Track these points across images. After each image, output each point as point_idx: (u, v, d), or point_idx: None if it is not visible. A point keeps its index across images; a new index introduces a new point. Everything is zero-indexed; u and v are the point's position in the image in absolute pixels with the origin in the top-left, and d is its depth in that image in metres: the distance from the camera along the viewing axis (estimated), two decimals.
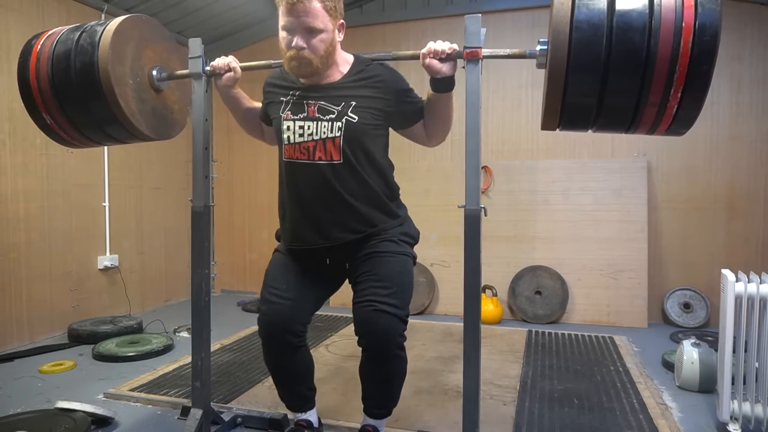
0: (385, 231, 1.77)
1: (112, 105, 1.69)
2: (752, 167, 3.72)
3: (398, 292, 1.69)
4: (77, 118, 1.79)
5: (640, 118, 1.24)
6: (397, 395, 1.84)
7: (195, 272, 2.01)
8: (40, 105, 1.82)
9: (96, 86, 1.68)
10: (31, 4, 3.26)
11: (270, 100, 1.83)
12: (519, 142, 4.16)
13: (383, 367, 1.73)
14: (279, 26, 1.67)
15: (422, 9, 4.32)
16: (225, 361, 2.94)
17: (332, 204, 1.71)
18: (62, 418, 2.06)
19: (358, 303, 1.69)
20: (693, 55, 1.11)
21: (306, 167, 1.71)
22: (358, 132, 1.67)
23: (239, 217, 4.91)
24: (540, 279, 3.88)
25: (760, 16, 3.66)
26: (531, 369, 2.82)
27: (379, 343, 1.67)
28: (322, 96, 1.70)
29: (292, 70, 1.68)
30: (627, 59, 1.15)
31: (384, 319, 1.64)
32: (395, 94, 1.72)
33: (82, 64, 1.67)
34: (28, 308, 3.26)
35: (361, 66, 1.74)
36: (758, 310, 1.95)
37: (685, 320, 3.74)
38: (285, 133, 1.73)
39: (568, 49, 1.18)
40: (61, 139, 1.89)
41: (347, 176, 1.69)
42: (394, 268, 1.72)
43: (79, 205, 3.62)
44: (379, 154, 1.76)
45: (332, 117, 1.67)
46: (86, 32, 1.71)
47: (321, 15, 1.59)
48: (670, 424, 2.13)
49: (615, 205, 3.84)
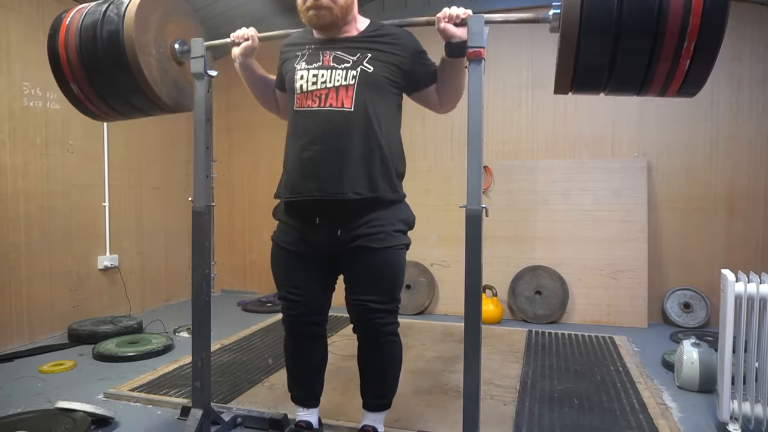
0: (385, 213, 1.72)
1: (135, 73, 1.74)
2: (752, 167, 3.72)
3: (388, 289, 1.74)
4: (103, 87, 1.83)
5: (652, 78, 1.23)
6: (394, 385, 1.87)
7: (195, 272, 2.01)
8: (68, 75, 1.86)
9: (121, 54, 1.72)
10: (31, 4, 3.26)
11: (285, 59, 1.82)
12: (519, 142, 4.16)
13: (378, 353, 1.79)
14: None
15: (422, 9, 4.32)
16: (225, 361, 2.94)
17: (336, 154, 1.65)
18: (62, 418, 2.06)
19: (350, 299, 1.76)
20: (706, 6, 1.09)
21: (315, 114, 1.67)
22: (373, 83, 1.66)
23: (239, 217, 4.91)
24: (540, 279, 3.88)
25: (760, 16, 3.66)
26: (531, 369, 2.82)
27: (371, 334, 1.77)
28: (339, 47, 1.70)
29: (310, 20, 1.67)
30: (639, 16, 1.13)
31: (374, 315, 1.73)
32: (411, 53, 1.73)
33: (108, 33, 1.71)
34: (28, 308, 3.25)
35: (377, 26, 1.77)
36: (758, 310, 1.95)
37: (685, 320, 3.74)
38: (298, 82, 1.70)
39: (581, 10, 1.17)
40: (88, 110, 1.93)
41: (356, 127, 1.65)
42: (386, 265, 1.73)
43: (79, 205, 3.62)
44: (391, 115, 1.73)
45: (347, 66, 1.66)
46: (113, 3, 1.77)
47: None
48: (670, 424, 2.13)
49: (615, 205, 3.84)
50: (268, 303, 4.37)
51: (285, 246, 1.82)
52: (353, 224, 1.71)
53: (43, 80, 3.32)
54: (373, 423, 1.87)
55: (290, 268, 1.82)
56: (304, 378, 1.91)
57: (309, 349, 1.88)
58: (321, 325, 1.87)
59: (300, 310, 1.81)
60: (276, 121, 2.09)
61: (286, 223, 1.83)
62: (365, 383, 1.86)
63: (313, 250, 1.78)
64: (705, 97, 3.77)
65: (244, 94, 2.09)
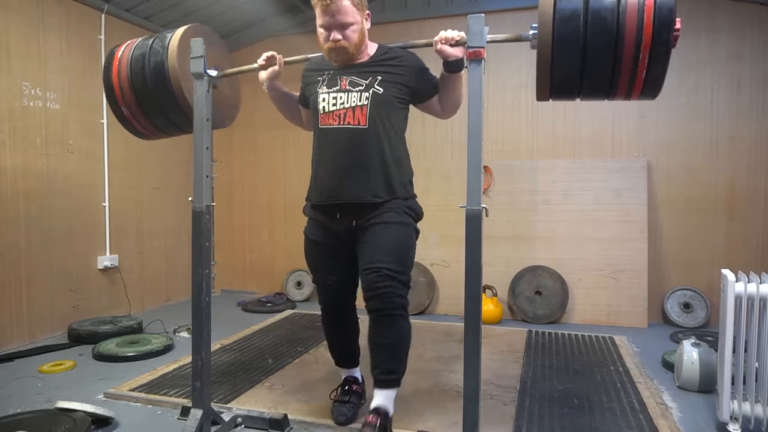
0: (392, 201, 1.99)
1: (178, 96, 2.01)
2: (752, 167, 3.72)
3: (399, 259, 1.95)
4: (149, 109, 2.11)
5: (617, 85, 1.47)
6: (404, 361, 2.04)
7: (195, 272, 2.01)
8: (120, 99, 2.13)
9: (165, 81, 1.99)
10: (31, 4, 3.26)
11: (307, 82, 2.12)
12: (519, 142, 4.16)
13: (388, 328, 1.96)
14: (317, 24, 1.93)
15: (422, 9, 4.32)
16: (225, 361, 2.94)
17: (354, 164, 1.96)
18: (62, 418, 2.06)
19: (364, 269, 1.97)
20: (654, 27, 1.35)
21: (336, 131, 1.98)
22: (383, 102, 1.96)
23: (239, 217, 4.91)
24: (540, 279, 3.88)
25: (760, 16, 3.66)
26: (531, 369, 2.82)
27: (383, 304, 1.92)
28: (353, 72, 1.99)
29: (331, 58, 1.96)
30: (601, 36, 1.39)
31: (386, 281, 1.91)
32: (415, 72, 2.01)
33: (155, 63, 2.00)
34: (28, 308, 3.26)
35: (384, 50, 2.04)
36: (758, 310, 1.95)
37: (685, 320, 3.74)
38: (321, 104, 2.01)
39: (552, 31, 1.43)
40: (134, 129, 2.21)
41: (371, 141, 1.95)
42: (395, 235, 1.97)
43: (79, 205, 3.62)
44: (399, 126, 2.04)
45: (361, 89, 1.96)
46: (158, 38, 2.06)
47: (351, 11, 1.88)
48: (670, 424, 2.13)
49: (615, 205, 3.84)
50: (268, 303, 4.37)
51: (315, 239, 2.12)
52: (364, 219, 1.99)
53: (43, 80, 3.33)
54: (385, 403, 1.99)
55: (322, 258, 2.12)
56: (343, 347, 2.26)
57: (343, 324, 2.21)
58: (351, 303, 2.20)
59: (333, 293, 2.14)
60: (276, 121, 2.10)
61: (314, 220, 2.12)
62: (376, 359, 2.01)
63: (336, 239, 2.07)
64: (705, 97, 3.78)
65: (245, 95, 2.09)
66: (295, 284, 4.66)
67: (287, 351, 3.13)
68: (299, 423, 2.17)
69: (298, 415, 2.22)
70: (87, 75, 3.64)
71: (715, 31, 3.75)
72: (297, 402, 2.37)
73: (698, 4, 3.76)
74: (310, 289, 4.59)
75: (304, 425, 2.15)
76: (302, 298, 4.59)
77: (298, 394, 2.45)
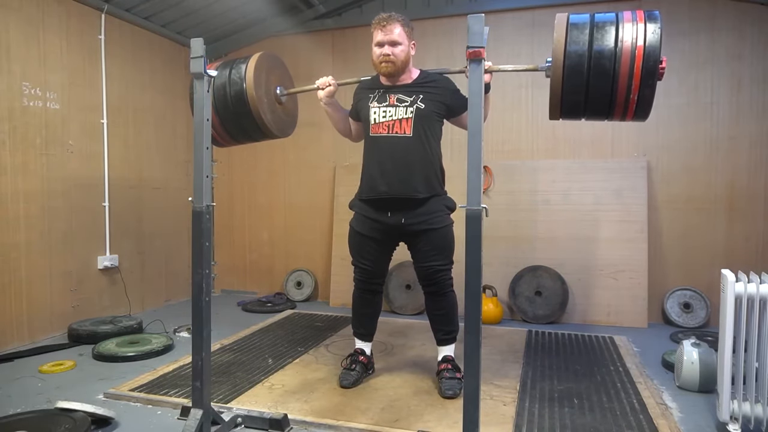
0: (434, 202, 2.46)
1: (255, 117, 2.32)
2: (752, 167, 3.72)
3: (446, 254, 2.52)
4: (231, 128, 2.40)
5: (613, 111, 1.84)
6: (457, 323, 2.57)
7: (195, 272, 2.01)
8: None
9: (245, 106, 2.29)
10: (31, 4, 3.26)
11: (359, 98, 2.57)
12: (519, 142, 4.16)
13: (442, 301, 2.54)
14: (373, 43, 2.39)
15: (422, 9, 4.32)
16: (225, 361, 2.94)
17: (401, 166, 2.40)
18: (62, 418, 2.06)
19: (421, 266, 2.51)
20: (642, 73, 1.74)
21: (385, 139, 2.44)
22: (425, 116, 2.41)
23: (239, 217, 4.91)
24: (540, 279, 3.88)
25: (760, 16, 3.66)
26: (531, 369, 2.82)
27: (437, 288, 2.52)
28: (400, 91, 2.45)
29: (382, 69, 2.41)
30: (601, 76, 1.77)
31: (439, 275, 2.51)
32: (450, 93, 2.50)
33: (235, 92, 2.30)
34: (28, 308, 3.26)
35: (425, 74, 2.50)
36: (758, 310, 1.95)
37: (685, 320, 3.74)
38: (372, 116, 2.46)
39: (563, 66, 1.78)
40: (216, 141, 2.43)
41: (414, 147, 2.40)
42: (442, 239, 2.49)
43: (79, 205, 3.62)
44: (436, 138, 2.49)
45: (406, 104, 2.42)
46: (234, 68, 2.33)
47: (401, 34, 2.37)
48: (670, 424, 2.13)
49: (615, 205, 3.84)
50: (268, 303, 4.37)
51: (360, 231, 2.56)
52: (413, 213, 2.44)
53: (43, 80, 3.33)
54: (449, 353, 2.58)
55: (363, 248, 2.57)
56: (366, 321, 2.68)
57: (371, 301, 2.67)
58: (381, 284, 2.68)
59: (368, 275, 2.61)
60: None
61: (362, 214, 2.55)
62: (437, 326, 2.59)
63: (382, 233, 2.52)
64: (705, 97, 3.78)
65: None
66: (295, 284, 4.65)
67: (287, 351, 3.13)
68: (299, 423, 2.17)
69: (298, 415, 2.22)
70: (87, 75, 3.64)
71: (715, 31, 3.75)
72: (297, 402, 2.37)
73: (698, 3, 3.76)
74: (309, 289, 4.59)
75: (304, 425, 2.16)
76: (302, 298, 4.59)
77: (298, 394, 2.45)
